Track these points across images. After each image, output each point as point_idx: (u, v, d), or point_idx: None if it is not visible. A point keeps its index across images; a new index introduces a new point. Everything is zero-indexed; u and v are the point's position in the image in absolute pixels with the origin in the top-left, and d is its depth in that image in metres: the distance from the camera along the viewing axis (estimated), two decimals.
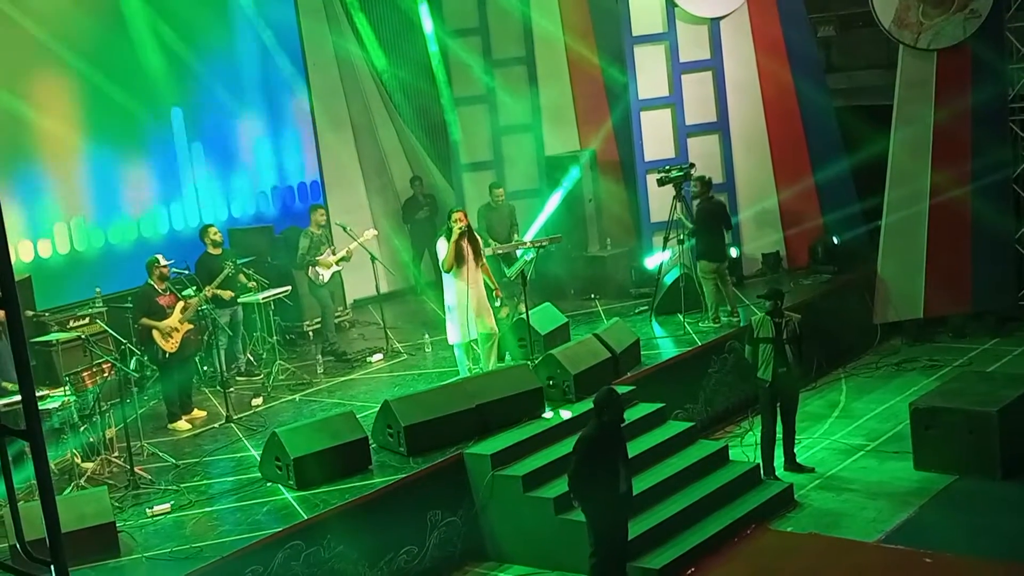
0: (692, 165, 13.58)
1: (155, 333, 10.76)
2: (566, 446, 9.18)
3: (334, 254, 13.02)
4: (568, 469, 8.24)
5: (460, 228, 10.88)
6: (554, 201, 14.68)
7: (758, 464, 10.39)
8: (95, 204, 13.16)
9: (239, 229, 14.36)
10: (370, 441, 9.68)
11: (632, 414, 9.98)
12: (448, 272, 10.92)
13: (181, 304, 10.95)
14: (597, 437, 8.07)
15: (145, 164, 13.68)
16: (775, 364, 10.32)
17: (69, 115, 12.79)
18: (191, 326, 11.05)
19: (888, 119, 13.94)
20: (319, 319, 13.35)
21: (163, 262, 10.94)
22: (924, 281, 13.86)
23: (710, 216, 12.95)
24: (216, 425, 10.95)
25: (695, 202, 13.09)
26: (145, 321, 10.83)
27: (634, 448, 9.15)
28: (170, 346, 10.81)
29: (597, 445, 8.04)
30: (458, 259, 10.87)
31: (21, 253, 12.21)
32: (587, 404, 10.27)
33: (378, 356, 12.79)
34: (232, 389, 11.52)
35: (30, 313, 11.42)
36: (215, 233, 12.31)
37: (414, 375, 12.09)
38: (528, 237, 13.83)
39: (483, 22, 15.42)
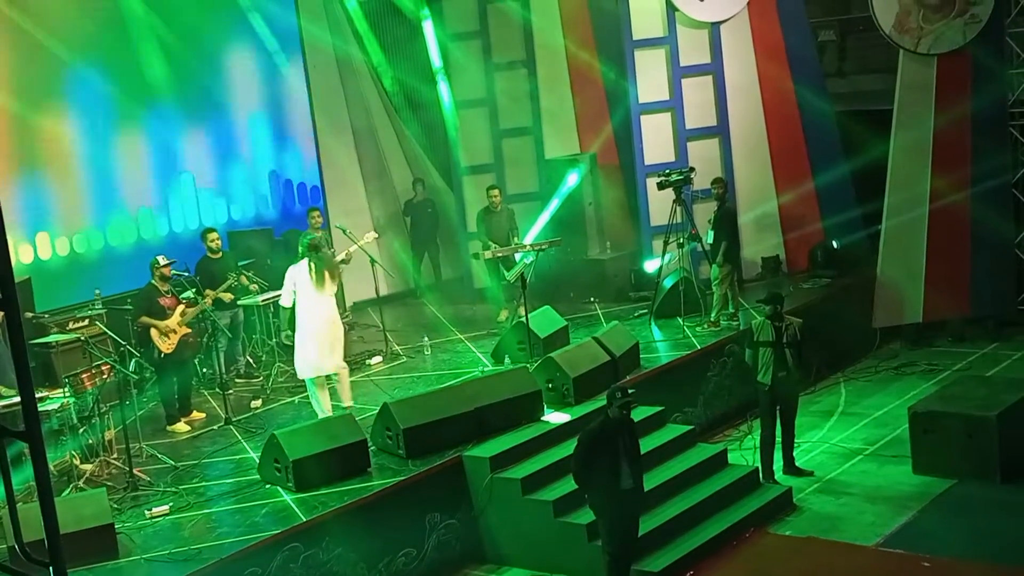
0: (692, 169, 13.57)
1: (153, 332, 10.76)
2: (565, 449, 9.21)
3: (334, 257, 13.01)
4: (572, 460, 8.42)
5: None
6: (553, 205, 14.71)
7: (757, 468, 10.40)
8: (95, 206, 13.16)
9: (239, 231, 14.35)
10: (369, 443, 9.67)
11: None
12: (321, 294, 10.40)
13: (181, 307, 10.95)
14: (598, 431, 8.22)
15: (145, 166, 13.67)
16: (775, 368, 10.33)
17: (70, 117, 12.78)
18: (189, 329, 11.04)
19: (888, 124, 13.94)
20: None
21: (163, 262, 10.95)
22: (924, 285, 13.87)
23: (732, 219, 13.06)
24: (215, 427, 10.95)
25: (716, 204, 13.10)
26: (144, 319, 10.83)
27: None
28: (166, 347, 10.81)
29: (597, 438, 8.18)
30: (319, 282, 10.41)
31: (21, 255, 12.20)
32: (584, 408, 10.34)
33: (377, 358, 12.78)
34: (231, 391, 11.52)
35: (30, 315, 11.41)
36: (213, 239, 12.27)
37: (413, 377, 12.07)
38: (528, 240, 13.82)
39: (484, 25, 15.40)
